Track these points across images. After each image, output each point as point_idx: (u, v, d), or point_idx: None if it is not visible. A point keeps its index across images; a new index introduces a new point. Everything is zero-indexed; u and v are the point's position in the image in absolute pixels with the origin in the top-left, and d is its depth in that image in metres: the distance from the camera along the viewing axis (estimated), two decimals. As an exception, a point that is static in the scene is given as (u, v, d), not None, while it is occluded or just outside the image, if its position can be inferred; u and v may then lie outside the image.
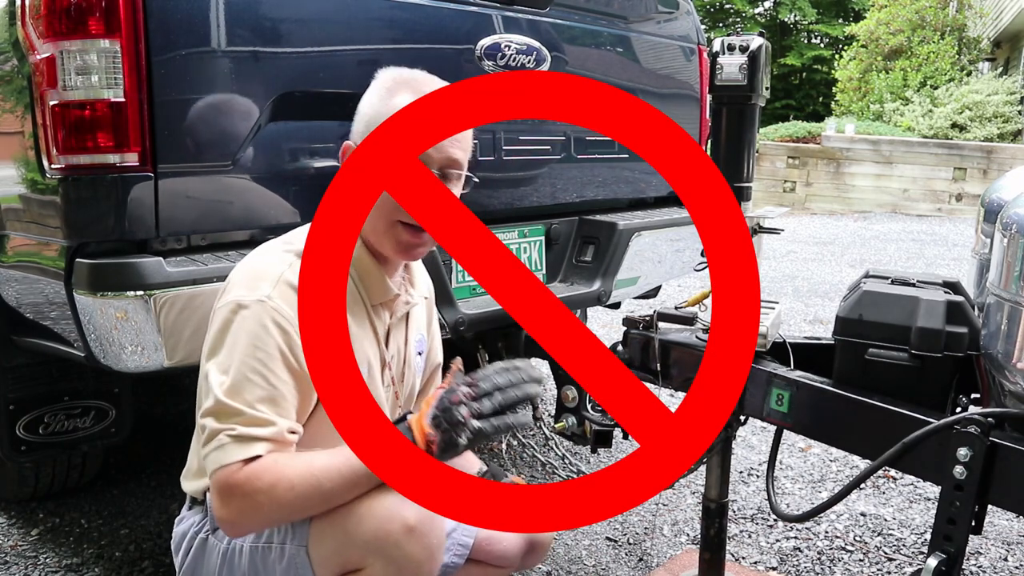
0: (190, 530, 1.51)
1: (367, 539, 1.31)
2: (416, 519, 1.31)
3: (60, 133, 1.66)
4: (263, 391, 1.31)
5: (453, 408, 1.30)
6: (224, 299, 1.38)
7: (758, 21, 25.54)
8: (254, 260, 1.44)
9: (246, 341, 1.32)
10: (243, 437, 1.29)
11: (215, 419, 1.30)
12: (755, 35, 1.80)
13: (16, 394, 2.14)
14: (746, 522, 2.61)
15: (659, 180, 3.02)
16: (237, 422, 1.29)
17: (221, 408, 1.30)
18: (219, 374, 1.32)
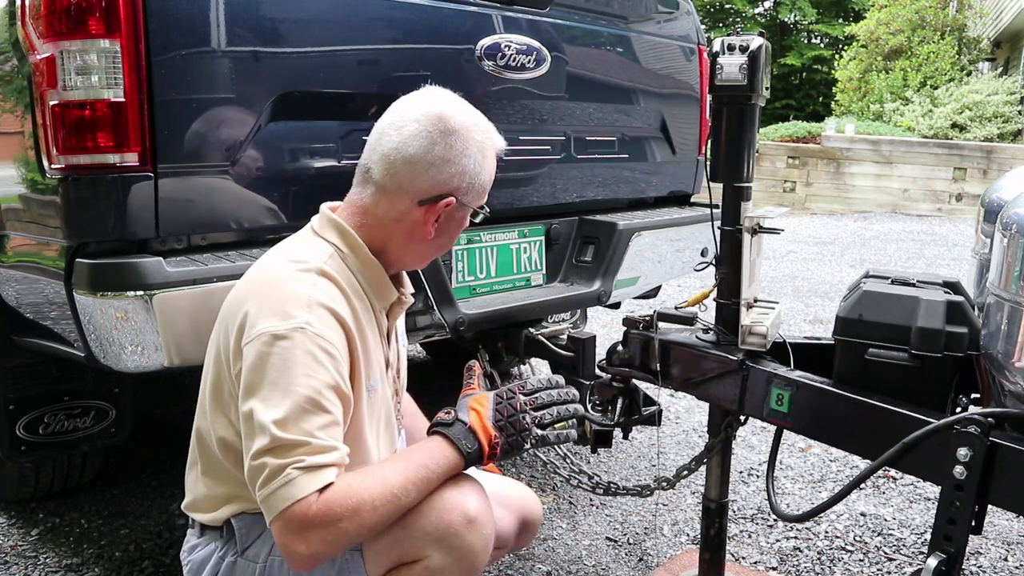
0: (212, 556, 1.46)
1: (428, 531, 1.34)
2: (476, 510, 1.36)
3: (60, 133, 1.66)
4: (322, 419, 1.27)
5: (518, 415, 1.40)
6: (252, 332, 1.30)
7: (758, 21, 25.54)
8: (269, 284, 1.36)
9: (297, 371, 1.27)
10: (313, 467, 1.24)
11: (274, 456, 1.24)
12: (755, 35, 1.79)
13: (16, 394, 2.14)
14: (746, 522, 2.61)
15: (659, 180, 3.02)
16: (303, 452, 1.24)
17: (280, 444, 1.24)
18: (269, 410, 1.25)
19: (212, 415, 1.41)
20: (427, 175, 1.43)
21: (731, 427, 1.93)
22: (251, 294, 1.36)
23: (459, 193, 1.46)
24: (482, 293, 2.40)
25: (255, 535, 1.43)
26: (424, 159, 1.42)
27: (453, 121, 1.44)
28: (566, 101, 2.56)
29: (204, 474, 1.47)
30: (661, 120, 2.92)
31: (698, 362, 1.88)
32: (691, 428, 3.43)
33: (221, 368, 1.38)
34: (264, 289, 1.36)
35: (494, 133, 1.52)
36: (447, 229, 1.50)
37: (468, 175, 1.46)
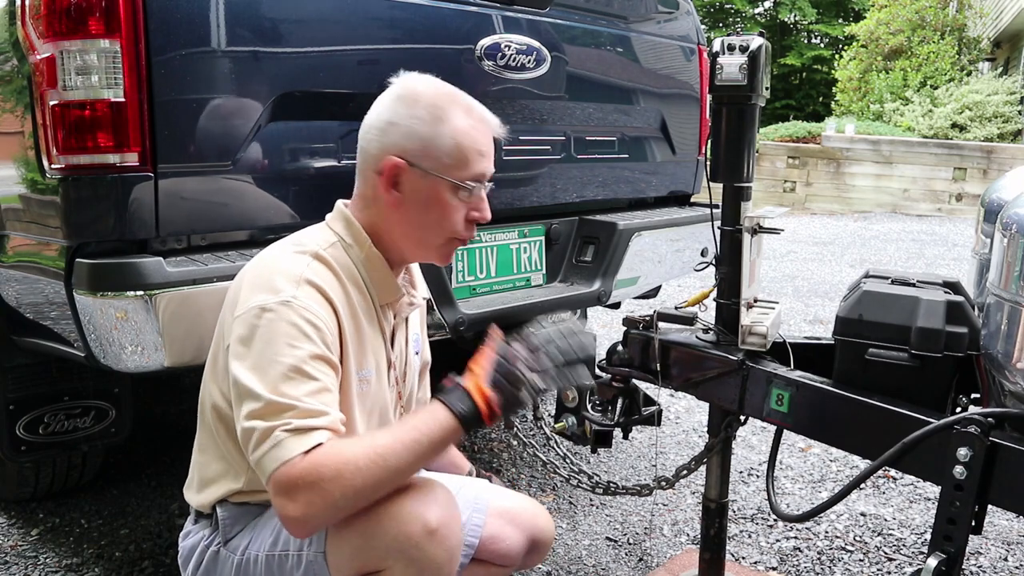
0: (199, 544, 1.49)
1: (387, 542, 1.32)
2: (437, 521, 1.33)
3: (60, 133, 1.66)
4: (310, 385, 1.29)
5: (511, 366, 1.36)
6: (244, 306, 1.33)
7: (758, 21, 25.56)
8: (265, 265, 1.40)
9: (281, 340, 1.29)
10: (300, 429, 1.25)
11: (264, 419, 1.25)
12: (755, 35, 1.79)
13: (16, 394, 2.14)
14: (746, 522, 2.61)
15: (659, 180, 3.02)
16: (291, 416, 1.25)
17: (270, 407, 1.26)
18: (258, 376, 1.27)
19: (209, 384, 1.45)
20: (377, 141, 1.44)
21: (731, 427, 1.93)
22: (248, 273, 1.41)
23: (408, 156, 1.42)
24: (482, 293, 2.40)
25: (239, 527, 1.46)
26: (374, 125, 1.45)
27: (410, 89, 1.45)
28: (566, 101, 2.56)
29: (200, 451, 1.50)
30: (661, 120, 2.92)
31: (698, 362, 1.88)
32: (691, 428, 3.43)
33: (219, 341, 1.42)
34: (260, 269, 1.40)
35: (465, 101, 1.47)
36: (416, 200, 1.44)
37: (417, 137, 1.42)
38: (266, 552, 1.41)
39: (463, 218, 1.48)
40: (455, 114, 1.44)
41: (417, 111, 1.43)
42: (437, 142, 1.42)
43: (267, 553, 1.41)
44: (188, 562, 1.51)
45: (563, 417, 2.20)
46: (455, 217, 1.47)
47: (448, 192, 1.44)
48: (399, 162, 1.42)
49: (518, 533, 1.65)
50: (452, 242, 1.50)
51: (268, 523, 1.44)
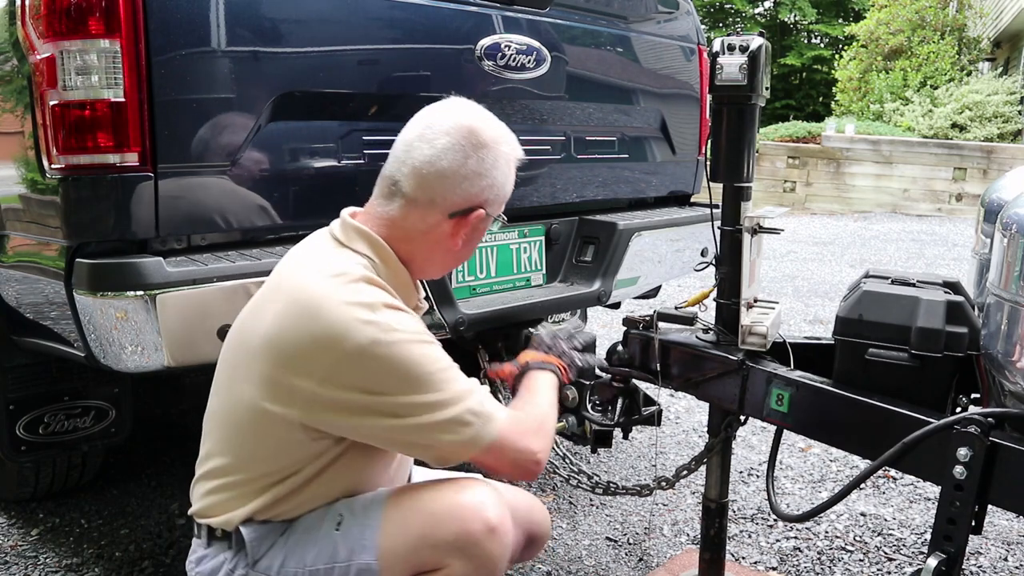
0: (222, 567, 1.43)
1: (448, 539, 1.34)
2: (497, 519, 1.37)
3: (60, 133, 1.66)
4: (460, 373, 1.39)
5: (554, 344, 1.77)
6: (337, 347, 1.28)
7: (758, 21, 25.55)
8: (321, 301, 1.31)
9: (416, 355, 1.32)
10: (492, 402, 1.40)
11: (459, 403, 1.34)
12: (755, 35, 1.79)
13: (16, 394, 2.14)
14: (746, 522, 2.61)
15: (659, 180, 3.02)
16: (479, 394, 1.39)
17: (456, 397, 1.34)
18: (422, 388, 1.31)
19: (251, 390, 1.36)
20: (460, 188, 1.44)
21: (731, 427, 1.93)
22: (304, 313, 1.31)
23: (487, 205, 1.48)
24: (482, 293, 2.40)
25: (266, 546, 1.40)
26: (458, 172, 1.43)
27: (484, 135, 1.45)
28: (566, 101, 2.56)
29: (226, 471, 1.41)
30: (661, 120, 2.92)
31: (698, 362, 1.88)
32: (691, 428, 3.43)
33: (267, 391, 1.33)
34: (318, 307, 1.31)
35: (516, 144, 1.54)
36: (472, 239, 1.53)
37: (496, 187, 1.48)
38: (309, 568, 1.37)
39: None
40: (515, 161, 1.53)
41: (499, 161, 1.47)
42: (506, 190, 1.52)
43: (309, 569, 1.37)
44: None
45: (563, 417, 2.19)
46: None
47: (489, 224, 1.55)
48: (482, 213, 1.48)
49: (514, 528, 1.65)
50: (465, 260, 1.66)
51: (303, 538, 1.40)
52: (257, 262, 1.80)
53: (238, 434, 1.40)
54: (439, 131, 1.43)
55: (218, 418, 1.45)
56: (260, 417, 1.35)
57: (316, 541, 1.39)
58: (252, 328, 1.38)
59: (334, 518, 1.41)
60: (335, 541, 1.38)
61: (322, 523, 1.41)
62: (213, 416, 1.46)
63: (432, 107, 1.50)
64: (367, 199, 1.55)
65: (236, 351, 1.42)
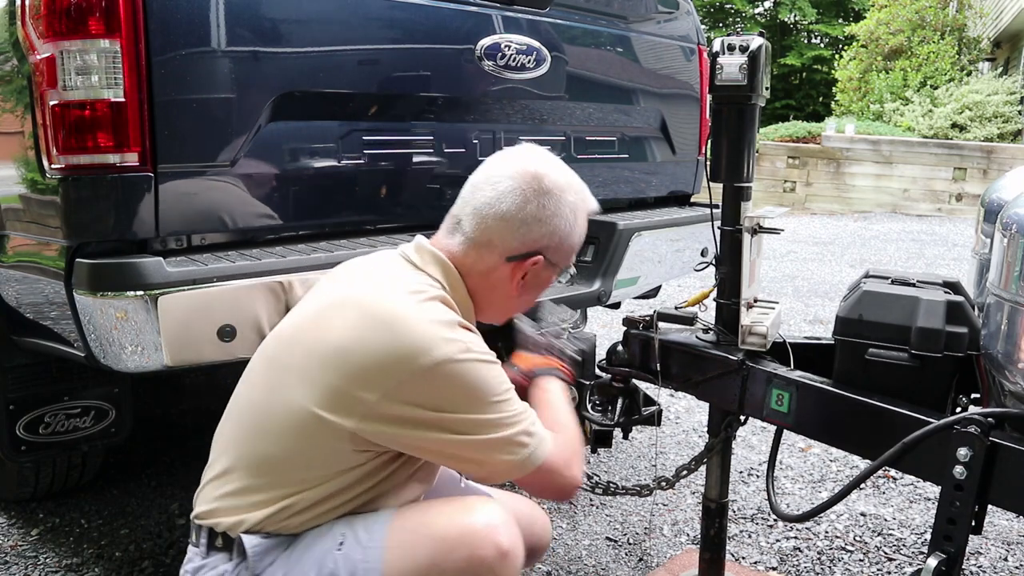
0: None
1: (459, 566, 1.31)
2: (509, 543, 1.33)
3: (60, 133, 1.66)
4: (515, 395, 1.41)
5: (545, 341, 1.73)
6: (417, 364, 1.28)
7: (758, 21, 25.55)
8: (396, 315, 1.32)
9: (485, 377, 1.34)
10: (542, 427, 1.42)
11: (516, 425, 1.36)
12: (755, 35, 1.79)
13: (16, 394, 2.14)
14: (746, 522, 2.61)
15: (659, 180, 3.02)
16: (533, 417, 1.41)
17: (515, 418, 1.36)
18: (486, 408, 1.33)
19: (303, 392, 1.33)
20: (518, 232, 1.44)
21: (731, 427, 1.93)
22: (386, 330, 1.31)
23: (547, 252, 1.48)
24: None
25: (268, 561, 1.36)
26: (516, 216, 1.44)
27: (548, 181, 1.46)
28: (566, 101, 2.56)
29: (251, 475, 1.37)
30: (661, 120, 2.92)
31: (698, 362, 1.88)
32: (691, 428, 3.43)
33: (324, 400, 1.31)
34: (390, 321, 1.31)
35: (587, 195, 1.54)
36: (532, 287, 1.52)
37: (558, 235, 1.47)
38: None
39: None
40: (582, 212, 1.52)
41: (562, 209, 1.47)
42: (571, 240, 1.52)
43: None
44: None
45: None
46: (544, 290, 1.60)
47: (553, 273, 1.55)
48: (540, 260, 1.48)
49: None
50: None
51: (306, 553, 1.36)
52: (257, 262, 1.80)
53: (275, 438, 1.36)
54: (503, 175, 1.45)
55: (248, 422, 1.40)
56: (308, 423, 1.32)
57: (316, 559, 1.34)
58: (316, 336, 1.35)
59: (336, 537, 1.36)
60: (336, 561, 1.33)
61: (323, 541, 1.36)
62: (240, 419, 1.42)
63: (503, 151, 1.52)
64: (367, 199, 1.56)
65: (290, 355, 1.38)
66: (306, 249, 1.94)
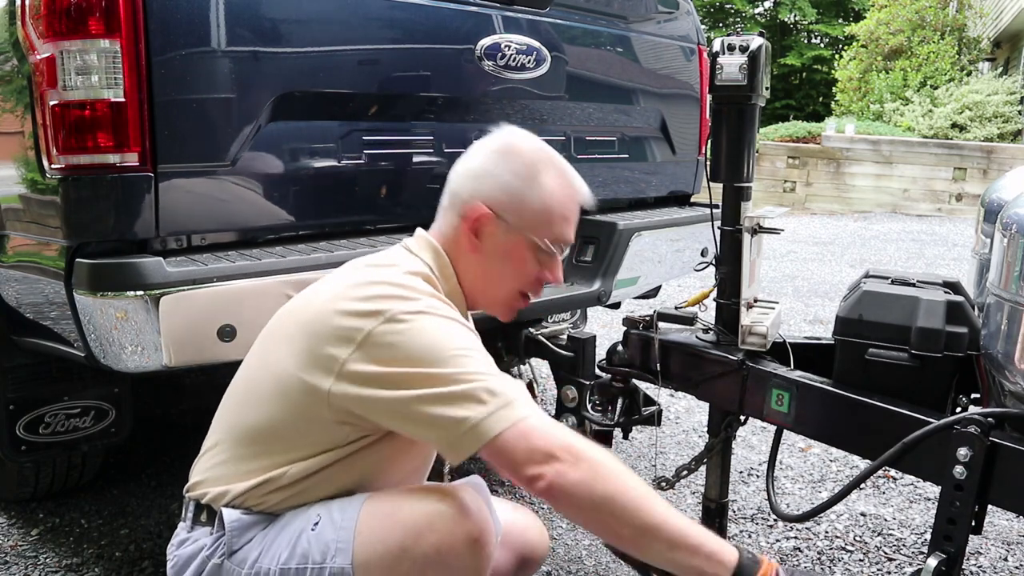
0: (199, 554, 1.40)
1: (428, 552, 1.29)
2: (479, 529, 1.31)
3: (60, 133, 1.66)
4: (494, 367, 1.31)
5: None
6: (368, 318, 1.29)
7: (758, 21, 25.55)
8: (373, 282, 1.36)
9: (445, 330, 1.31)
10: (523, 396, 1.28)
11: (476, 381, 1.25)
12: (755, 35, 1.80)
13: (16, 394, 2.14)
14: (746, 522, 2.61)
15: (659, 180, 3.02)
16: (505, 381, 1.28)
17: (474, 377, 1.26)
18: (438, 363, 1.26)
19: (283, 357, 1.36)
20: (471, 185, 1.47)
21: (731, 427, 1.93)
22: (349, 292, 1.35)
23: (496, 207, 1.45)
24: (482, 293, 2.40)
25: (246, 538, 1.38)
26: (473, 171, 1.47)
27: (513, 144, 1.48)
28: (566, 101, 2.56)
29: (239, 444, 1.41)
30: (661, 120, 2.92)
31: (698, 362, 1.88)
32: (691, 428, 3.43)
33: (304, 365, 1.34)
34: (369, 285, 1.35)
35: (563, 167, 1.51)
36: (493, 251, 1.47)
37: (509, 191, 1.45)
38: (280, 566, 1.34)
39: (536, 277, 1.51)
40: (548, 176, 1.48)
41: (514, 166, 1.46)
42: (526, 199, 1.46)
43: (281, 567, 1.34)
44: (184, 572, 1.42)
45: (563, 417, 2.20)
46: (527, 275, 1.50)
47: (526, 250, 1.48)
48: (486, 212, 1.45)
49: (506, 552, 1.61)
50: (517, 298, 1.53)
51: (280, 535, 1.37)
52: (257, 262, 1.80)
53: (262, 405, 1.39)
54: (478, 147, 1.50)
55: (240, 393, 1.45)
56: (291, 388, 1.35)
57: (290, 539, 1.36)
58: (304, 305, 1.41)
59: (312, 517, 1.37)
60: (310, 540, 1.35)
61: (299, 521, 1.38)
62: (235, 392, 1.46)
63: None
64: (367, 199, 1.56)
65: (281, 327, 1.43)
66: (306, 249, 1.94)
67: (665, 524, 1.24)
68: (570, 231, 1.51)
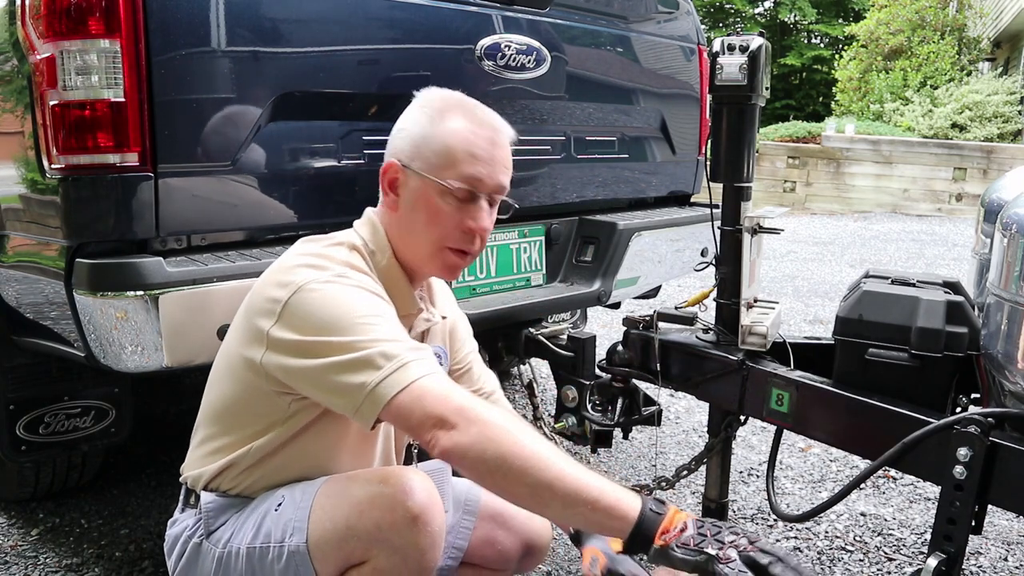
0: (183, 534, 1.49)
1: (370, 530, 1.31)
2: (420, 507, 1.31)
3: (60, 133, 1.66)
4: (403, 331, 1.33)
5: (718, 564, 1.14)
6: (288, 288, 1.32)
7: (758, 21, 25.55)
8: (300, 255, 1.40)
9: (353, 297, 1.32)
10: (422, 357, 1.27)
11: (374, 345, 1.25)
12: (755, 35, 1.80)
13: (16, 394, 2.14)
14: (746, 522, 2.61)
15: (659, 180, 3.02)
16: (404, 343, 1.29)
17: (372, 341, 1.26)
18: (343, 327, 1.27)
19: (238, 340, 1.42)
20: (393, 140, 1.49)
21: (731, 427, 1.93)
22: (280, 265, 1.40)
23: (402, 157, 1.46)
24: (482, 293, 2.40)
25: (221, 520, 1.45)
26: (396, 126, 1.50)
27: (422, 96, 1.50)
28: (566, 101, 2.56)
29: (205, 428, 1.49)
30: (661, 120, 2.92)
31: (698, 362, 1.89)
32: (691, 428, 3.43)
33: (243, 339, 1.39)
34: (294, 259, 1.39)
35: (469, 107, 1.49)
36: (407, 202, 1.46)
37: (412, 138, 1.45)
38: (247, 545, 1.40)
39: (455, 226, 1.45)
40: (452, 117, 1.45)
41: (419, 114, 1.47)
42: (428, 142, 1.44)
43: (248, 546, 1.40)
44: (172, 552, 1.51)
45: (563, 417, 2.20)
46: (445, 223, 1.45)
47: (436, 195, 1.44)
48: (393, 163, 1.46)
49: (511, 537, 1.63)
50: (445, 252, 1.48)
51: (250, 516, 1.43)
52: (257, 262, 1.80)
53: (220, 384, 1.46)
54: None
55: (210, 378, 1.51)
56: (236, 364, 1.41)
57: (257, 520, 1.41)
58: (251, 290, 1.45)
59: (276, 499, 1.42)
60: (272, 521, 1.39)
61: (266, 503, 1.43)
62: (207, 388, 1.51)
63: None
64: (367, 199, 1.56)
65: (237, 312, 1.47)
66: (306, 249, 1.94)
67: (560, 481, 1.19)
68: (484, 169, 1.45)
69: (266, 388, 1.38)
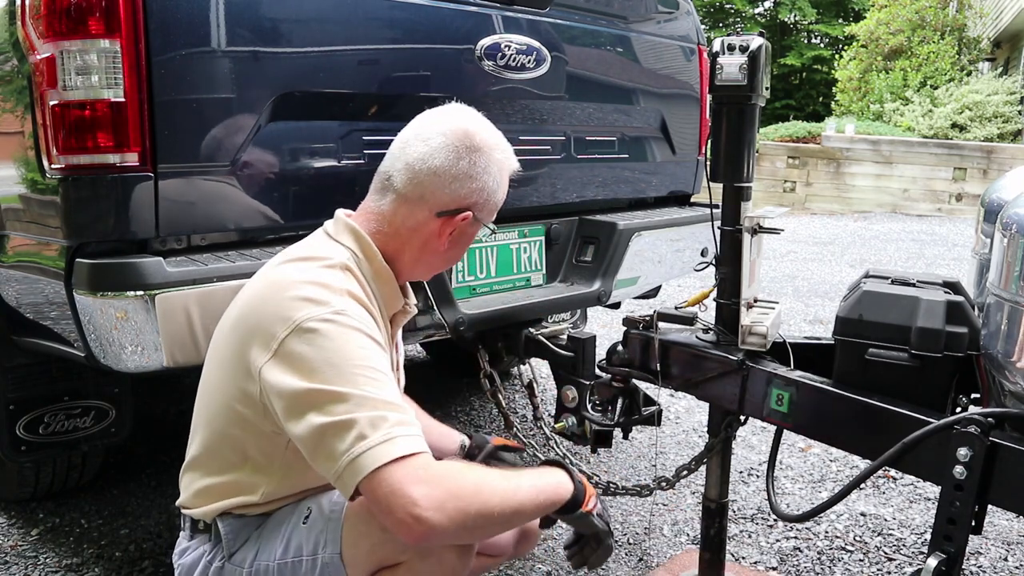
0: (200, 560, 1.47)
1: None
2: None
3: (60, 133, 1.66)
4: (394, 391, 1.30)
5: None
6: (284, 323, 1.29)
7: (758, 21, 25.55)
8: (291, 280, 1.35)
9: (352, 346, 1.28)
10: (409, 433, 1.25)
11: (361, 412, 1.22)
12: (755, 35, 1.80)
13: (16, 394, 2.14)
14: (746, 522, 2.61)
15: (659, 180, 3.02)
16: (393, 412, 1.25)
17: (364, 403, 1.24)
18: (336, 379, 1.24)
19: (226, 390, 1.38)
20: (450, 188, 1.46)
21: (731, 427, 1.93)
22: (267, 289, 1.36)
23: (476, 208, 1.50)
24: (482, 293, 2.40)
25: (242, 540, 1.44)
26: (448, 172, 1.46)
27: (478, 138, 1.48)
28: (566, 101, 2.56)
29: (205, 462, 1.46)
30: (661, 120, 2.92)
31: (698, 362, 1.88)
32: (691, 428, 3.43)
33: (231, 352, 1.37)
34: (285, 284, 1.34)
35: (511, 154, 1.56)
36: (459, 243, 1.54)
37: (486, 192, 1.50)
38: (278, 561, 1.40)
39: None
40: (507, 170, 1.54)
41: (491, 167, 1.49)
42: (496, 198, 1.53)
43: (279, 562, 1.40)
44: None
45: (563, 417, 2.20)
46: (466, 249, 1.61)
47: (475, 232, 1.56)
48: (470, 215, 1.50)
49: None
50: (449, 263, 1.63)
51: (274, 532, 1.43)
52: (257, 262, 1.79)
53: (216, 422, 1.43)
54: (435, 131, 1.47)
55: (201, 408, 1.48)
56: (232, 399, 1.37)
57: (284, 535, 1.41)
58: (229, 312, 1.43)
59: (302, 512, 1.43)
60: (302, 535, 1.40)
61: (291, 517, 1.43)
62: (198, 410, 1.49)
63: (431, 109, 1.53)
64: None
65: (218, 335, 1.45)
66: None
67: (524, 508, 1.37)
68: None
69: (266, 429, 1.36)
